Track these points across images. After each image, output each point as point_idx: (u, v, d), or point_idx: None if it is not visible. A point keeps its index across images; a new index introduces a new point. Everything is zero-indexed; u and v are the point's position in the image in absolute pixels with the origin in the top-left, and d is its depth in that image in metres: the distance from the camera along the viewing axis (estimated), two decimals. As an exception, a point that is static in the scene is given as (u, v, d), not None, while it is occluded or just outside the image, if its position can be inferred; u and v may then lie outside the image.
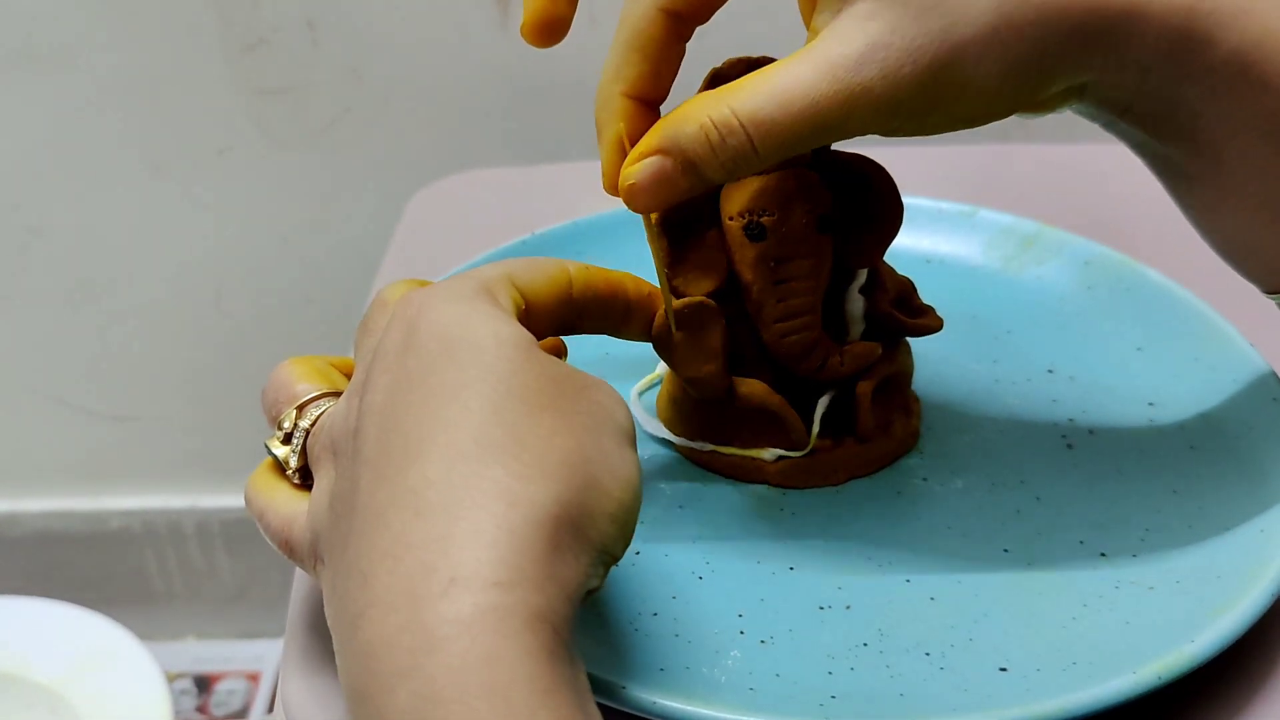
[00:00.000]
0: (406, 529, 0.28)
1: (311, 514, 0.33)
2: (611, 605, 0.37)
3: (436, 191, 0.68)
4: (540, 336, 0.36)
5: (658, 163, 0.35)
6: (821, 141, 0.34)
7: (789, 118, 0.33)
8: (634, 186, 0.35)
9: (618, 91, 0.37)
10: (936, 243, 0.55)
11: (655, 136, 0.35)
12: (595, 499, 0.29)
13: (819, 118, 0.33)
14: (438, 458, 0.28)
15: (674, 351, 0.41)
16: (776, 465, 0.43)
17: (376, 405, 0.30)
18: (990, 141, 0.82)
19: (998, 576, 0.39)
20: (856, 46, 0.33)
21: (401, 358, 0.31)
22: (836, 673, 0.35)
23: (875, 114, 0.33)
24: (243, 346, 0.95)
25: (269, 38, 0.82)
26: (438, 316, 0.31)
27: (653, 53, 0.36)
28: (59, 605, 0.91)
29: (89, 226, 0.90)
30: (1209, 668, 0.35)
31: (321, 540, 0.32)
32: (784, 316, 0.41)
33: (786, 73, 0.33)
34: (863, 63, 0.33)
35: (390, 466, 0.29)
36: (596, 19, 0.76)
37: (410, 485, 0.28)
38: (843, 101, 0.33)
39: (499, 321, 0.31)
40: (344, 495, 0.30)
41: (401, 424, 0.30)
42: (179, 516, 1.03)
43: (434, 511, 0.28)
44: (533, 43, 0.37)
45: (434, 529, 0.27)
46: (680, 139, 0.34)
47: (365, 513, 0.29)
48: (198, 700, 1.03)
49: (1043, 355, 0.48)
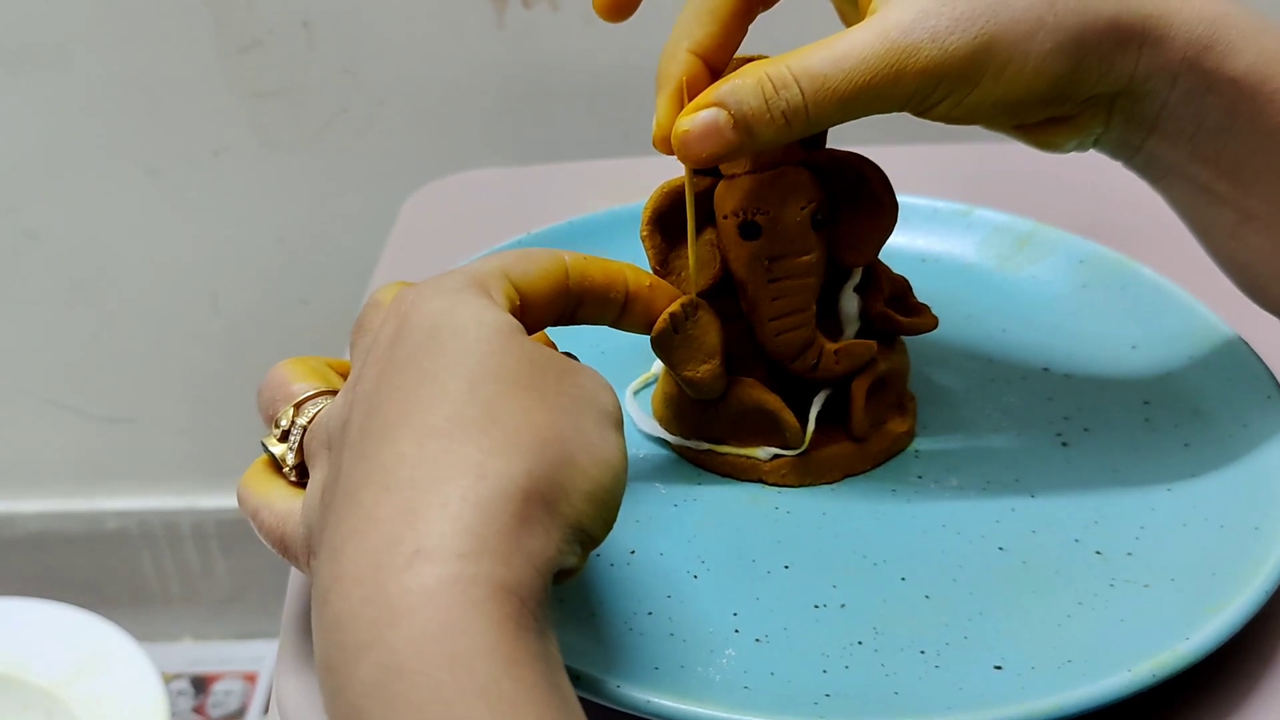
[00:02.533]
0: (375, 504, 0.28)
1: (305, 508, 0.33)
2: (606, 604, 0.37)
3: (432, 192, 0.68)
4: (539, 326, 0.37)
5: (713, 114, 0.36)
6: (873, 108, 0.36)
7: (842, 74, 0.35)
8: (687, 135, 0.36)
9: (685, 47, 0.38)
10: (932, 241, 0.55)
11: (713, 90, 0.36)
12: (570, 475, 0.29)
13: (870, 75, 0.35)
14: (411, 435, 0.29)
15: (671, 351, 0.41)
16: (772, 464, 0.43)
17: (365, 393, 0.31)
18: (986, 140, 0.82)
19: (993, 574, 0.39)
20: (910, 13, 0.35)
21: (391, 349, 0.31)
22: (831, 671, 0.35)
23: (921, 78, 0.35)
24: (238, 348, 0.95)
25: (264, 39, 0.82)
26: (426, 308, 0.32)
27: (724, 18, 0.38)
28: (55, 606, 0.91)
29: (84, 228, 0.90)
30: (1204, 665, 0.35)
31: (313, 534, 0.32)
32: (779, 315, 0.41)
33: (845, 37, 0.35)
34: (914, 27, 0.34)
35: (369, 446, 0.29)
36: (592, 18, 0.76)
37: (382, 462, 0.29)
38: (893, 61, 0.34)
39: (484, 308, 0.32)
40: (331, 484, 0.31)
41: (382, 407, 0.30)
42: (175, 518, 1.03)
43: (402, 486, 0.28)
44: (606, 18, 0.39)
45: (402, 502, 0.28)
46: (737, 90, 0.35)
47: (342, 492, 0.29)
48: (194, 701, 1.03)
49: (1038, 353, 0.48)
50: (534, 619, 0.27)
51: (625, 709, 0.33)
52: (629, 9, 0.39)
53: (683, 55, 0.38)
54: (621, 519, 0.41)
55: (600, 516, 0.30)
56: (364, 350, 0.33)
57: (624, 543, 0.40)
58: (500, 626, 0.26)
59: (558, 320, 0.38)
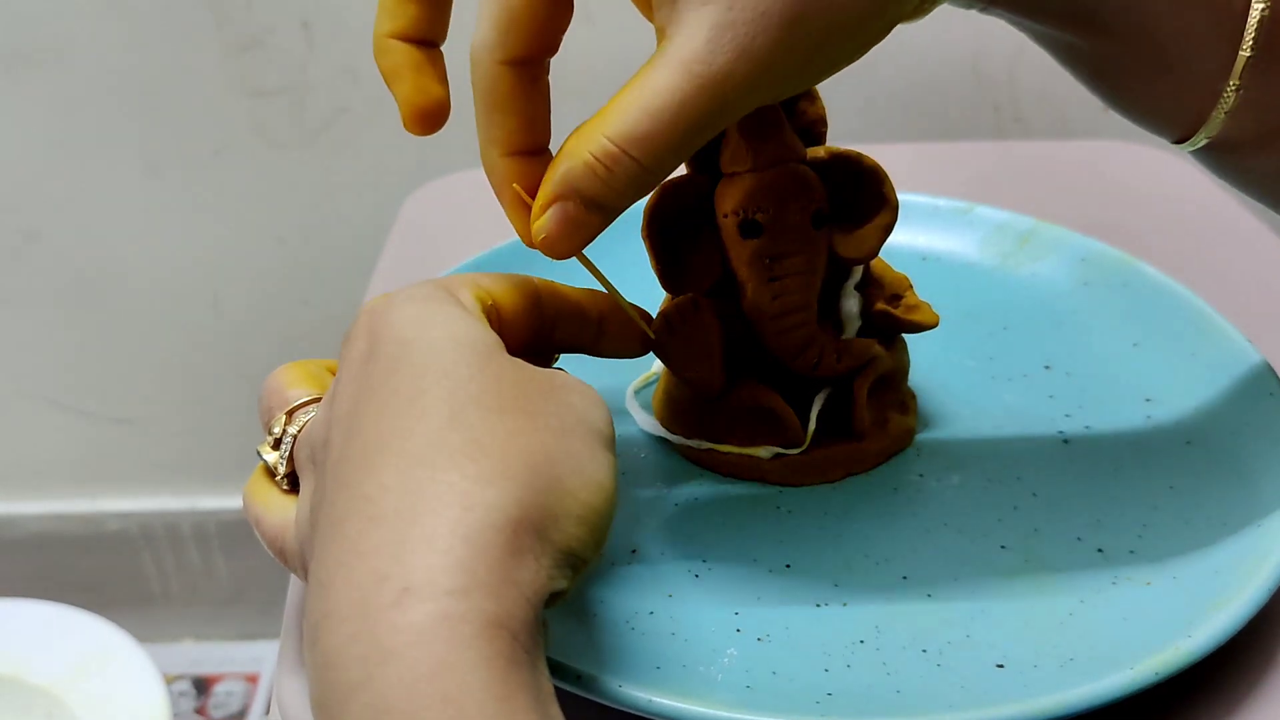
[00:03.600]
0: (360, 536, 0.27)
1: (297, 523, 0.32)
2: (607, 603, 0.37)
3: (432, 191, 0.68)
4: (515, 342, 0.35)
5: (561, 209, 0.34)
6: (713, 133, 0.33)
7: (664, 127, 0.32)
8: (548, 239, 0.34)
9: (496, 155, 0.36)
10: (933, 239, 0.55)
11: (549, 185, 0.34)
12: (559, 501, 0.28)
13: (693, 117, 0.32)
14: (393, 464, 0.28)
15: (670, 351, 0.41)
16: (773, 463, 0.43)
17: (342, 415, 0.30)
18: (986, 138, 0.82)
19: (994, 573, 0.39)
20: (702, 35, 0.31)
21: (364, 365, 0.31)
22: (833, 670, 0.35)
23: (750, 91, 0.32)
24: (239, 348, 0.95)
25: (264, 38, 0.82)
26: (395, 319, 0.31)
27: (514, 107, 0.35)
28: (57, 608, 0.91)
29: (85, 228, 0.90)
30: (1206, 663, 0.35)
31: (305, 551, 0.31)
32: (779, 314, 0.41)
33: (650, 83, 0.32)
34: (714, 51, 0.31)
35: (350, 474, 0.29)
36: (592, 16, 0.76)
37: (365, 492, 0.28)
38: (710, 94, 0.31)
39: (457, 322, 0.31)
40: (317, 506, 0.30)
41: (361, 432, 0.29)
42: (176, 518, 1.03)
43: (387, 518, 0.27)
44: (416, 133, 0.36)
45: (387, 535, 0.27)
46: (572, 179, 0.33)
47: (327, 522, 0.29)
48: (196, 702, 1.03)
49: (1039, 351, 0.48)
50: (525, 652, 0.26)
51: (627, 708, 0.33)
52: (441, 119, 0.37)
53: (500, 164, 0.36)
54: (623, 518, 0.41)
55: (591, 539, 0.29)
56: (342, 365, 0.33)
57: (625, 542, 0.40)
58: (491, 664, 0.25)
59: (535, 340, 0.37)
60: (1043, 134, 0.82)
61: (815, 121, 0.42)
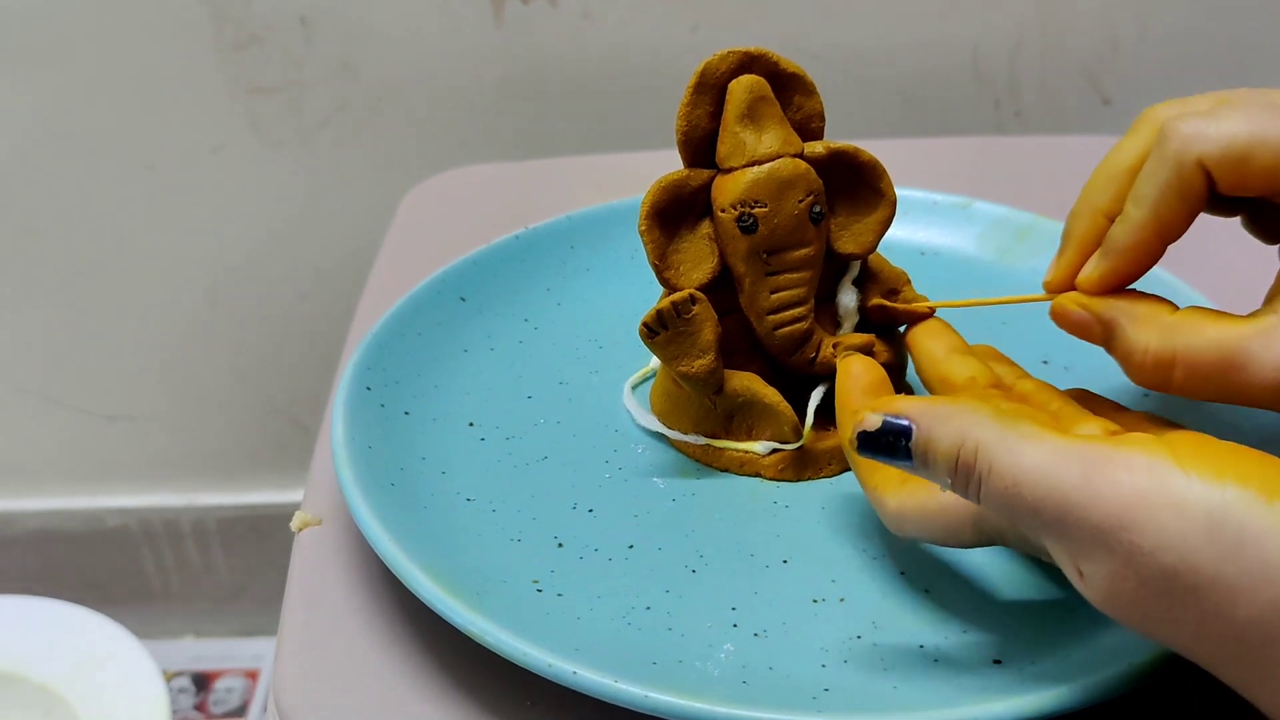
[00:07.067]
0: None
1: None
2: (604, 599, 0.37)
3: (431, 188, 0.68)
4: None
5: (1089, 319, 0.38)
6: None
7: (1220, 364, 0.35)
8: (1066, 316, 0.39)
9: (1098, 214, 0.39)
10: (931, 234, 0.55)
11: (1107, 307, 0.38)
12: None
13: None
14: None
15: (666, 346, 0.41)
16: (770, 458, 0.43)
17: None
18: (985, 134, 0.82)
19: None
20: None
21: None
22: (830, 665, 0.35)
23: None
24: (237, 344, 0.95)
25: (262, 35, 0.82)
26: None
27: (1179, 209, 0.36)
28: (56, 604, 0.91)
29: (82, 225, 0.90)
30: (1204, 658, 0.34)
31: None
32: (777, 309, 0.41)
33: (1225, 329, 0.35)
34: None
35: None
36: (590, 14, 0.76)
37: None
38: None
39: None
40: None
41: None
42: (176, 515, 1.03)
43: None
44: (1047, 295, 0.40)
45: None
46: (1124, 337, 0.37)
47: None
48: (196, 699, 1.03)
49: (1038, 346, 0.48)
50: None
51: (623, 704, 0.33)
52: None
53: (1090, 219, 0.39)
54: (619, 513, 0.41)
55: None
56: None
57: (622, 538, 0.40)
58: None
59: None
60: (1042, 129, 0.82)
61: (813, 116, 0.42)
